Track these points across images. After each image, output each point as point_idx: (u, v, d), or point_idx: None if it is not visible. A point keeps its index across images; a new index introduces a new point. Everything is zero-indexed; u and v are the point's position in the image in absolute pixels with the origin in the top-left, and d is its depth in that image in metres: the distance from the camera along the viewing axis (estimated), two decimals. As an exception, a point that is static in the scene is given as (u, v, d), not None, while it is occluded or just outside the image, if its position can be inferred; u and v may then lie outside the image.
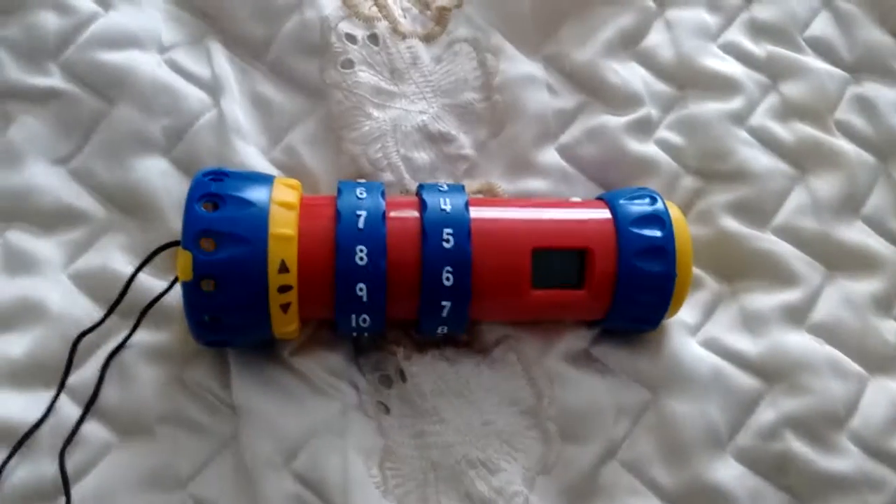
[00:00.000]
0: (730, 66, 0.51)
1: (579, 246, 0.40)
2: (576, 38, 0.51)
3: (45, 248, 0.44)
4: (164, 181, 0.45)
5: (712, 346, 0.44)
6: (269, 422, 0.40)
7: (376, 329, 0.40)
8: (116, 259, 0.44)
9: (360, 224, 0.37)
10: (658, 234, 0.39)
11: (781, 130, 0.50)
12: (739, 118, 0.50)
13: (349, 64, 0.47)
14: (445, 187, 0.40)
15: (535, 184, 0.47)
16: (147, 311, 0.42)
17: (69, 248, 0.44)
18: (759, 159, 0.49)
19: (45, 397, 0.40)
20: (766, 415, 0.43)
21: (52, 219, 0.44)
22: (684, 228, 0.41)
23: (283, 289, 0.37)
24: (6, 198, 0.44)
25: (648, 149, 0.48)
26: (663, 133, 0.49)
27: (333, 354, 0.42)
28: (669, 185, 0.48)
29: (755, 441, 0.42)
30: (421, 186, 0.41)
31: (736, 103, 0.50)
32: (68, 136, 0.46)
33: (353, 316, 0.38)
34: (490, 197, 0.47)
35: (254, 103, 0.47)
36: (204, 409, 0.41)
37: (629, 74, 0.50)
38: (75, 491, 0.39)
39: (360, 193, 0.39)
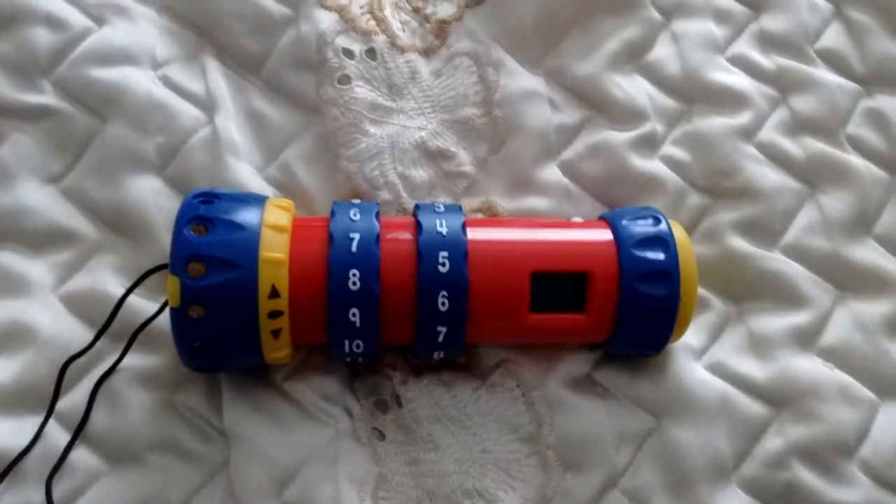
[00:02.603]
0: (738, 80, 0.49)
1: (580, 269, 0.38)
2: (579, 51, 0.49)
3: (35, 268, 0.43)
4: (156, 200, 0.44)
5: (718, 370, 0.43)
6: (261, 449, 0.39)
7: (370, 354, 0.39)
8: (108, 280, 0.43)
9: (354, 247, 0.36)
10: (661, 256, 0.38)
11: (791, 146, 0.48)
12: (747, 133, 0.48)
13: (346, 80, 0.46)
14: (442, 208, 0.39)
15: (537, 202, 0.46)
16: (137, 335, 0.41)
17: (60, 269, 0.43)
18: (768, 176, 0.47)
19: (32, 423, 0.39)
20: (773, 443, 0.41)
21: (42, 239, 0.43)
22: (689, 250, 0.39)
23: (274, 314, 0.36)
24: (-3, 218, 0.44)
25: (653, 165, 0.47)
26: (669, 149, 0.48)
27: (327, 379, 0.41)
28: (675, 203, 0.46)
29: (762, 470, 0.41)
30: (417, 207, 0.40)
31: (744, 118, 0.48)
32: (60, 154, 0.45)
33: (347, 341, 0.37)
34: (490, 216, 0.45)
35: (249, 119, 0.46)
36: (195, 436, 0.40)
37: (633, 88, 0.48)
38: (62, 520, 0.38)
39: (354, 215, 0.38)
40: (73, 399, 0.40)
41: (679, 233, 0.40)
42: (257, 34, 0.47)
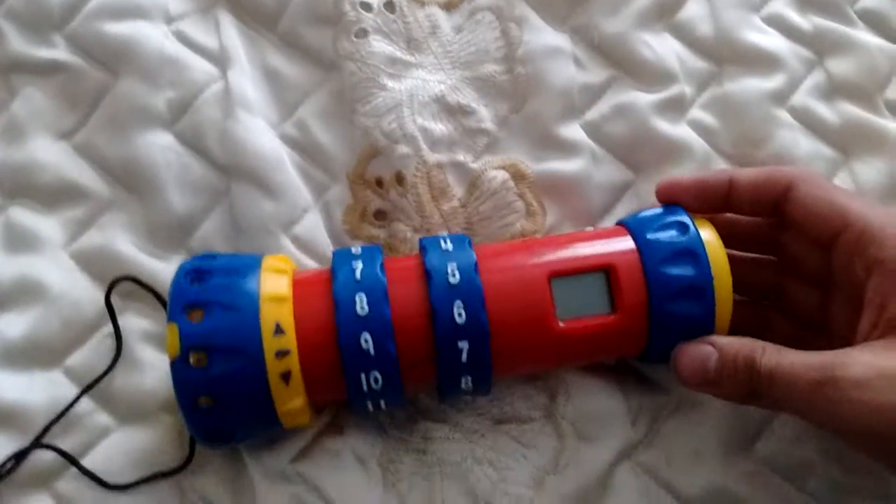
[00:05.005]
0: (772, 41, 0.47)
1: (601, 265, 0.36)
2: (606, 7, 0.47)
3: (46, 225, 0.43)
4: (165, 156, 0.43)
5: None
6: None
7: (395, 406, 0.37)
8: (118, 238, 0.42)
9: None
10: (691, 272, 0.36)
11: (825, 111, 0.46)
12: (780, 97, 0.46)
13: (363, 33, 0.45)
14: (450, 245, 0.36)
15: (560, 164, 0.44)
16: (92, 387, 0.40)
17: (71, 226, 0.43)
18: (800, 143, 0.45)
19: (42, 379, 0.40)
20: (790, 421, 0.40)
21: (54, 195, 0.43)
22: (721, 254, 0.36)
23: (281, 354, 0.34)
24: (9, 174, 0.43)
25: (680, 130, 0.45)
26: (697, 113, 0.46)
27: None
28: (702, 170, 0.44)
29: (780, 445, 0.40)
30: (422, 247, 0.37)
31: (777, 81, 0.46)
32: (72, 109, 0.45)
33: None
34: (515, 174, 0.43)
35: (264, 75, 0.45)
36: None
37: (663, 48, 0.46)
38: None
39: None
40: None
41: (708, 236, 0.37)
42: (273, -14, 0.46)
